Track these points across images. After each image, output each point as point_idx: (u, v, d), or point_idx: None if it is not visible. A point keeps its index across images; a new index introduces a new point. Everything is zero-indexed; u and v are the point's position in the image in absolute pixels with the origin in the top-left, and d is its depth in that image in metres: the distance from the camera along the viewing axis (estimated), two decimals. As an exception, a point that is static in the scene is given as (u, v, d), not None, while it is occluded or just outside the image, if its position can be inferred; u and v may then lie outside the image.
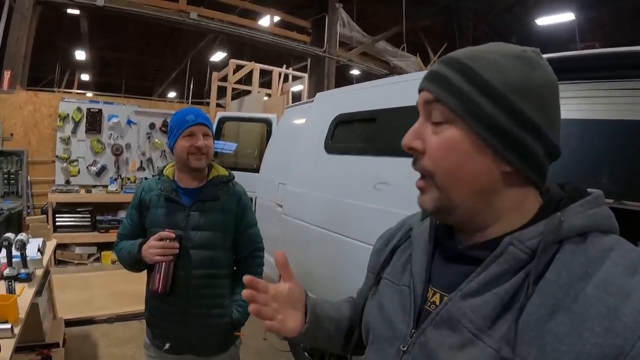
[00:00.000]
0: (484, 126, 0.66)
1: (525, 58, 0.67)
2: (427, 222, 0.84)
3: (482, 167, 0.67)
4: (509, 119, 0.65)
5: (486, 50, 0.70)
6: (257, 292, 0.89)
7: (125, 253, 1.93)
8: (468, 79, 0.67)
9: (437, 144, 0.69)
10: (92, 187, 6.80)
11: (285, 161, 3.70)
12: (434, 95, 0.70)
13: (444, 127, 0.69)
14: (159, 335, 1.96)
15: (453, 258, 0.76)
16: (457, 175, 0.68)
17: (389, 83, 2.88)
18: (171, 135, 1.91)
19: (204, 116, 1.92)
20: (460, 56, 0.70)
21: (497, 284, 0.65)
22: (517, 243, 0.64)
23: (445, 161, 0.69)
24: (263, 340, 4.05)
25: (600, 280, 0.58)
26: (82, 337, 3.93)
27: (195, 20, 8.50)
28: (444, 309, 0.70)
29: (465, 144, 0.67)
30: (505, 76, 0.66)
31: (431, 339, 0.71)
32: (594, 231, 0.63)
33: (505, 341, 0.60)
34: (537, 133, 0.66)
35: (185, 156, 1.85)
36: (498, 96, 0.65)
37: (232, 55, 10.91)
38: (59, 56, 13.21)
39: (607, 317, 0.55)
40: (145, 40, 14.24)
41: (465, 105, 0.67)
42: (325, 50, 10.27)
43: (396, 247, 0.90)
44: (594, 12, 10.08)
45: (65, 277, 5.31)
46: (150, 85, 18.82)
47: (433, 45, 11.91)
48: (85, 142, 6.81)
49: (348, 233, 2.69)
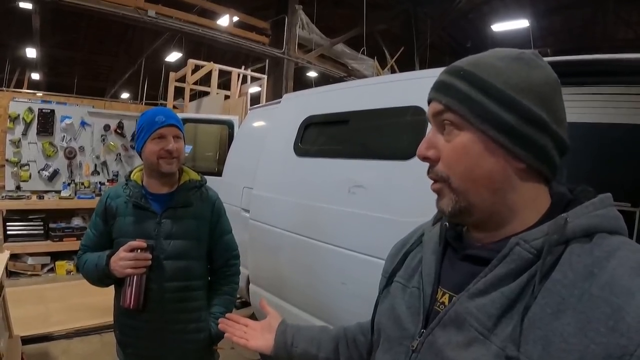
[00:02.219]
0: (491, 126, 0.68)
1: (524, 59, 0.71)
2: (438, 226, 0.87)
3: (496, 167, 0.70)
4: (513, 116, 0.68)
5: (486, 56, 0.74)
6: (233, 324, 1.13)
7: (92, 267, 1.78)
8: (472, 84, 0.70)
9: (450, 150, 0.72)
10: (44, 192, 6.46)
11: (250, 164, 3.59)
12: (443, 103, 0.73)
13: (455, 133, 0.72)
14: (132, 354, 1.83)
15: (462, 259, 0.78)
16: (472, 177, 0.70)
17: (363, 85, 2.86)
18: (139, 138, 1.78)
19: (175, 117, 1.80)
20: (462, 64, 0.74)
21: (503, 283, 0.67)
22: (523, 243, 0.66)
23: (459, 165, 0.71)
24: (230, 350, 3.93)
25: (605, 281, 0.59)
26: (41, 355, 3.69)
27: (153, 18, 8.30)
28: (451, 309, 0.72)
29: (477, 146, 0.70)
30: (506, 77, 0.69)
31: (439, 338, 0.73)
32: (600, 232, 0.65)
33: (510, 340, 0.61)
34: (543, 127, 0.68)
35: (155, 160, 1.74)
36: (500, 96, 0.68)
37: (189, 55, 10.70)
38: (8, 54, 12.76)
39: (611, 318, 0.56)
40: (99, 38, 13.89)
41: (472, 109, 0.69)
42: (284, 51, 10.26)
43: (409, 252, 0.93)
44: (547, 19, 10.63)
45: (19, 290, 5.00)
46: (102, 85, 18.35)
47: (390, 48, 12.10)
48: (37, 145, 6.49)
49: (321, 237, 2.63)
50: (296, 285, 2.91)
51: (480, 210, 0.72)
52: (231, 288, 1.98)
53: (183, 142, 1.84)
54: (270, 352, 1.07)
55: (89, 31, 13.17)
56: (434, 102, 0.75)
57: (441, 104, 0.73)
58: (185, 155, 5.49)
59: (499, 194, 0.70)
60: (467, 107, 0.70)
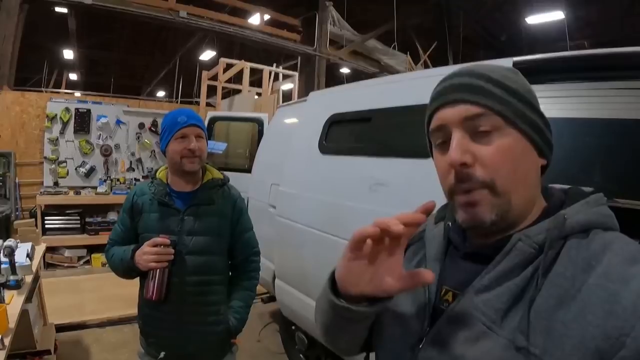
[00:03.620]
0: (529, 126, 0.73)
1: (516, 71, 0.78)
2: (441, 225, 0.88)
3: (532, 165, 0.74)
4: (540, 119, 0.75)
5: (490, 67, 0.77)
6: None
7: (118, 259, 1.88)
8: (503, 89, 0.73)
9: (492, 152, 0.71)
10: (81, 188, 6.71)
11: (277, 161, 3.63)
12: (483, 105, 0.72)
13: (495, 135, 0.72)
14: (154, 344, 1.90)
15: (464, 257, 0.80)
16: (516, 177, 0.72)
17: (385, 82, 2.85)
18: (163, 138, 1.85)
19: (197, 117, 1.86)
20: (480, 70, 0.76)
21: (507, 278, 0.69)
22: (525, 239, 0.69)
23: (505, 166, 0.71)
24: (257, 342, 4.01)
25: (602, 271, 0.63)
26: (74, 342, 3.86)
27: (184, 19, 8.42)
28: (457, 305, 0.74)
29: (519, 146, 0.72)
30: (521, 85, 0.75)
31: (446, 334, 0.74)
32: (595, 228, 0.69)
33: (519, 331, 0.64)
34: (550, 129, 0.77)
35: (178, 159, 1.80)
36: (527, 101, 0.74)
37: (222, 54, 10.81)
38: (46, 56, 13.11)
39: (607, 302, 0.60)
40: (134, 39, 14.13)
41: (514, 111, 0.72)
42: (315, 48, 10.23)
43: (409, 245, 0.91)
44: (583, 10, 10.14)
45: (55, 281, 5.23)
46: (138, 84, 18.67)
47: (423, 43, 11.94)
48: (74, 143, 6.75)
49: (343, 235, 2.65)
50: (318, 281, 2.91)
51: (517, 211, 0.72)
52: (251, 283, 2.03)
53: (205, 142, 1.90)
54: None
55: (124, 32, 13.40)
56: (465, 104, 0.73)
57: (479, 106, 0.72)
58: (219, 153, 5.61)
59: (531, 191, 0.75)
60: (508, 109, 0.72)
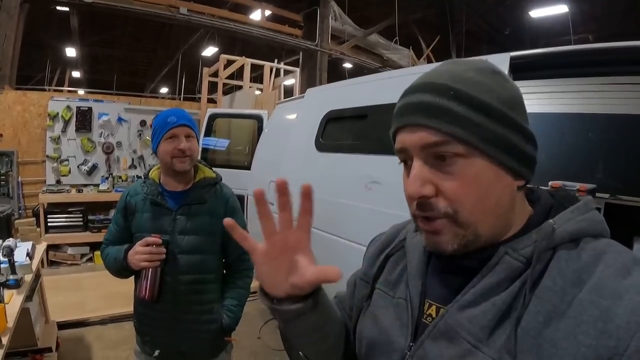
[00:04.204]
0: (502, 150, 0.64)
1: (499, 72, 0.68)
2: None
3: (505, 190, 0.66)
4: (517, 135, 0.65)
5: (461, 70, 0.66)
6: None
7: (112, 259, 1.90)
8: (468, 105, 0.63)
9: (455, 185, 0.64)
10: (83, 186, 6.77)
11: (276, 159, 3.65)
12: (444, 132, 0.63)
13: (460, 162, 0.64)
14: (148, 342, 1.93)
15: (447, 269, 0.75)
16: (483, 207, 0.65)
17: (380, 79, 2.85)
18: (154, 139, 1.86)
19: (187, 117, 1.86)
20: (445, 81, 0.65)
21: (493, 293, 0.65)
22: (512, 252, 0.65)
23: (471, 196, 0.64)
24: (257, 340, 4.03)
25: (593, 285, 0.58)
26: (75, 340, 3.89)
27: (185, 16, 8.41)
28: (441, 321, 0.70)
29: (488, 174, 0.64)
30: (497, 94, 0.64)
31: (430, 351, 0.70)
32: (585, 236, 0.64)
33: (505, 350, 0.60)
34: (534, 142, 0.68)
35: (169, 159, 1.81)
36: (501, 116, 0.64)
37: (224, 50, 10.78)
38: (49, 54, 13.07)
39: (600, 319, 0.55)
40: (136, 35, 14.12)
41: (480, 135, 0.63)
42: (317, 44, 10.20)
43: (389, 255, 0.88)
44: (587, 4, 10.06)
45: (58, 279, 5.27)
46: (142, 81, 18.64)
47: (426, 37, 11.89)
48: (76, 141, 6.79)
49: (339, 233, 2.66)
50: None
51: (485, 238, 0.67)
52: (244, 282, 2.03)
53: (197, 141, 1.90)
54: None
55: (126, 29, 13.39)
56: (422, 129, 0.65)
57: (440, 133, 0.63)
58: (223, 149, 5.59)
59: (504, 217, 0.67)
60: (474, 134, 0.63)
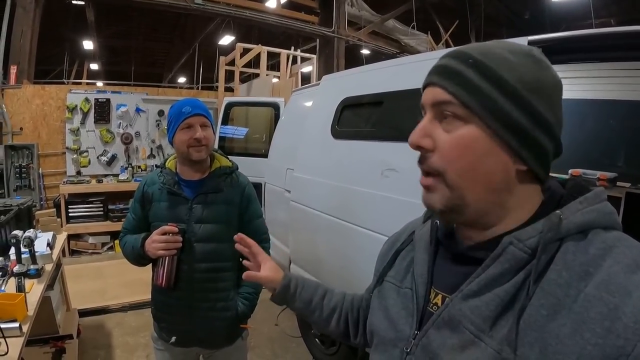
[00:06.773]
0: (501, 124, 0.64)
1: (535, 56, 0.67)
2: (428, 224, 0.84)
3: (498, 166, 0.66)
4: (526, 117, 0.64)
5: (494, 47, 0.68)
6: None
7: (129, 248, 1.92)
8: (483, 75, 0.65)
9: (450, 143, 0.67)
10: (103, 176, 6.87)
11: (292, 146, 3.64)
12: (450, 92, 0.66)
13: (458, 124, 0.66)
14: (165, 328, 1.95)
15: (454, 259, 0.76)
16: (472, 175, 0.66)
17: (396, 65, 2.79)
18: (170, 129, 1.87)
19: (202, 106, 1.87)
20: (470, 51, 0.68)
21: (497, 284, 0.64)
22: (517, 242, 0.64)
23: (460, 160, 0.66)
24: (274, 326, 4.06)
25: (601, 279, 0.57)
26: (96, 327, 3.97)
27: (200, 5, 8.42)
28: (445, 310, 0.70)
29: (482, 143, 0.65)
30: (520, 73, 0.64)
31: (433, 340, 0.71)
32: (595, 228, 0.63)
33: (506, 342, 0.60)
34: (549, 131, 0.66)
35: (185, 149, 1.82)
36: (514, 94, 0.64)
37: (240, 38, 10.78)
38: (66, 47, 13.24)
39: (607, 318, 0.54)
40: (152, 26, 14.16)
41: (483, 103, 0.64)
42: (334, 30, 10.13)
43: (399, 250, 0.91)
44: (609, -13, 9.78)
45: (79, 267, 5.38)
46: (159, 71, 18.76)
47: (444, 22, 11.70)
48: (95, 132, 6.87)
49: (355, 221, 2.65)
50: (331, 268, 2.95)
51: (473, 209, 0.68)
52: None
53: (212, 130, 1.90)
54: (278, 288, 1.09)
55: (142, 20, 13.44)
56: (435, 87, 0.69)
57: (447, 92, 0.66)
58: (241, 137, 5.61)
59: (496, 194, 0.67)
60: (477, 100, 0.64)
